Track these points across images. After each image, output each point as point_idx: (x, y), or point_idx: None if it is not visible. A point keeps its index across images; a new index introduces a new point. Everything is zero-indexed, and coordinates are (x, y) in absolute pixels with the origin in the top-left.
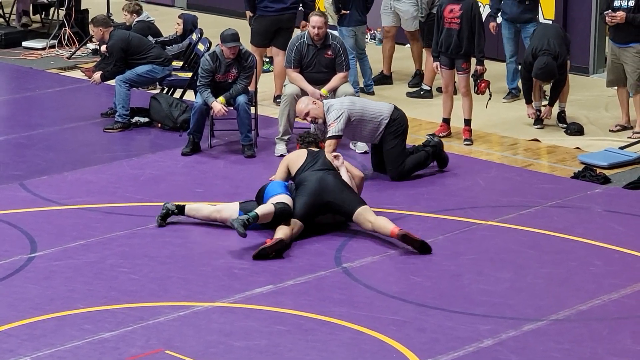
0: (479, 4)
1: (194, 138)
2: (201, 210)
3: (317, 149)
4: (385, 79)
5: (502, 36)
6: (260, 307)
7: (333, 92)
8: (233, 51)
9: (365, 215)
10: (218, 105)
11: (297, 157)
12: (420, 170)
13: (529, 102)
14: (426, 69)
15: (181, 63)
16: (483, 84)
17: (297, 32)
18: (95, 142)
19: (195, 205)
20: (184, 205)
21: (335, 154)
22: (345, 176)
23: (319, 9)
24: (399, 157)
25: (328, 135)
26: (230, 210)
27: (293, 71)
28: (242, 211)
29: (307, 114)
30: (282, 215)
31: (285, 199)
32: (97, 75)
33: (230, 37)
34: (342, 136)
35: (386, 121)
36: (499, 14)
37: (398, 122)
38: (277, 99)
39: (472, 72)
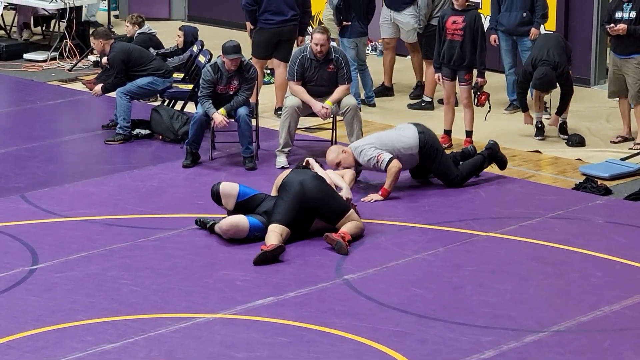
0: (481, 15)
1: (191, 149)
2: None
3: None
4: (386, 90)
5: (500, 48)
6: (261, 318)
7: (337, 104)
8: (234, 63)
9: (348, 219)
10: (219, 116)
11: (283, 173)
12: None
13: (524, 110)
14: (426, 80)
15: (182, 75)
16: (483, 96)
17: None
18: (96, 154)
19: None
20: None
21: (307, 159)
22: (320, 171)
23: (320, 23)
24: (448, 170)
25: (387, 162)
26: (236, 217)
27: (295, 84)
28: (250, 216)
29: (338, 164)
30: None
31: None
32: (98, 87)
33: (232, 49)
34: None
35: (417, 151)
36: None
37: (428, 146)
38: (278, 111)
39: (473, 83)
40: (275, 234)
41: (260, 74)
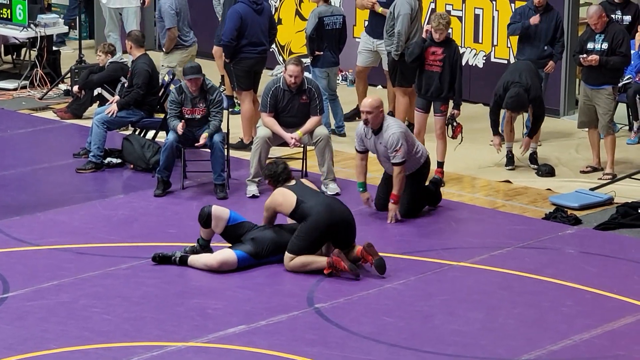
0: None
1: (162, 176)
2: (198, 260)
3: (295, 182)
4: (359, 115)
5: None
6: (233, 347)
7: (309, 135)
8: (195, 83)
9: None
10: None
11: (285, 198)
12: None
13: (495, 133)
14: (396, 109)
15: None
16: (458, 129)
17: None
18: (67, 182)
19: (196, 257)
20: (187, 257)
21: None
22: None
23: (291, 53)
24: (419, 200)
25: (401, 160)
26: (224, 253)
27: (267, 115)
28: (236, 249)
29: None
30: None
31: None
32: (114, 106)
33: (190, 70)
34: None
35: (424, 160)
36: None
37: (428, 163)
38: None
39: (448, 115)
40: (322, 258)
41: (254, 105)
